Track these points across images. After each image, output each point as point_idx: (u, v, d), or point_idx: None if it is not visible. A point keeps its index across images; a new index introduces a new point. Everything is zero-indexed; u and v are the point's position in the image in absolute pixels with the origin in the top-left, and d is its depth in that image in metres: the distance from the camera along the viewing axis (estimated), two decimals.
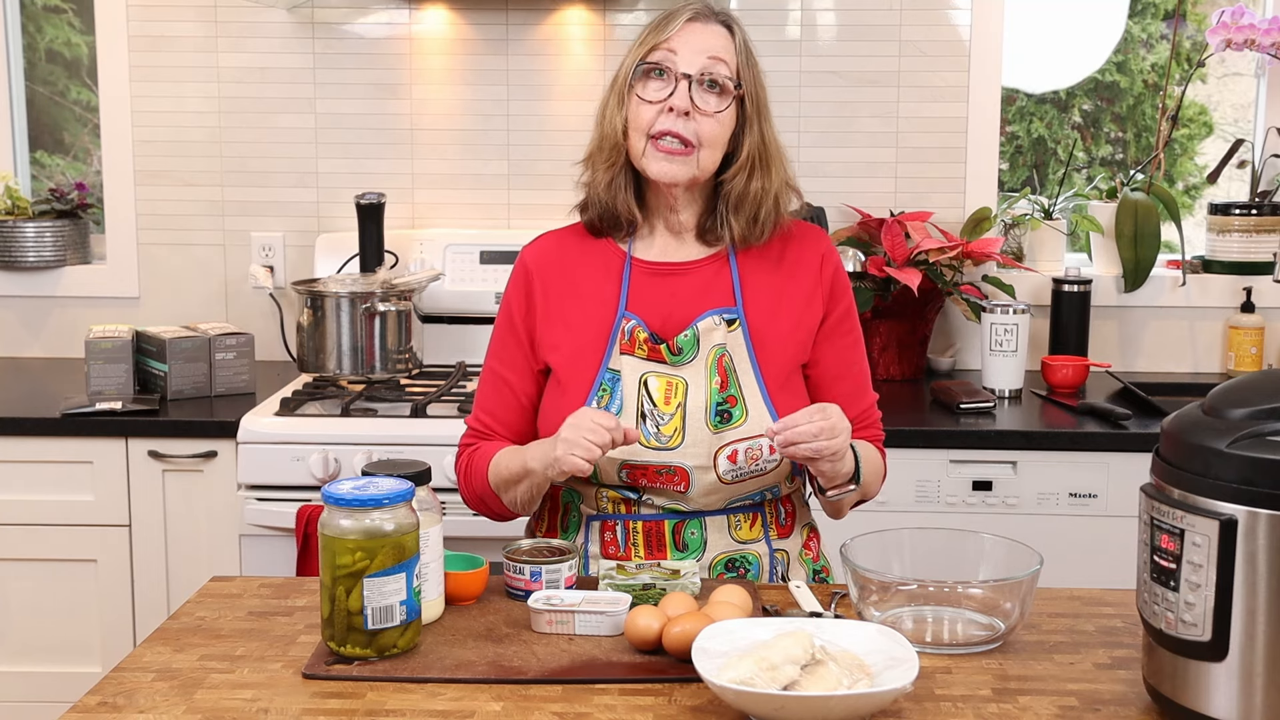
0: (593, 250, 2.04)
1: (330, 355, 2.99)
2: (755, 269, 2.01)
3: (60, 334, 3.42)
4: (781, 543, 2.01)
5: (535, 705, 1.52)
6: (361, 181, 3.32)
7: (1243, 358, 3.25)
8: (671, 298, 1.99)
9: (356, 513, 1.59)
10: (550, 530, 2.04)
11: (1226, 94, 3.77)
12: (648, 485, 1.93)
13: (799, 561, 2.04)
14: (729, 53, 1.94)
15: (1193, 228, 3.52)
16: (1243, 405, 1.42)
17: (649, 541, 1.95)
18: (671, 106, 1.91)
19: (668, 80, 1.93)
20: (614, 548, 1.96)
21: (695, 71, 1.92)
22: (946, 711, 1.50)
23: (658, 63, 1.93)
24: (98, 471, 2.80)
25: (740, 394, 1.94)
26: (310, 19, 3.33)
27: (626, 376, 1.95)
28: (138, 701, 1.53)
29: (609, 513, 1.97)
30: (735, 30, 1.97)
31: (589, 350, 1.97)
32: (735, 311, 1.97)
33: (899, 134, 3.32)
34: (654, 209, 2.02)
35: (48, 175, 3.65)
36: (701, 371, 1.94)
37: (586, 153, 2.02)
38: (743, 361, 1.95)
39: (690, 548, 1.95)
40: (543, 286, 2.03)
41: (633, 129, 1.94)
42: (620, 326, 1.97)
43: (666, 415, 1.93)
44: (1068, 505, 2.73)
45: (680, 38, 1.93)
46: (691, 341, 1.95)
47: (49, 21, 3.62)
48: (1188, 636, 1.40)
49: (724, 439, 1.91)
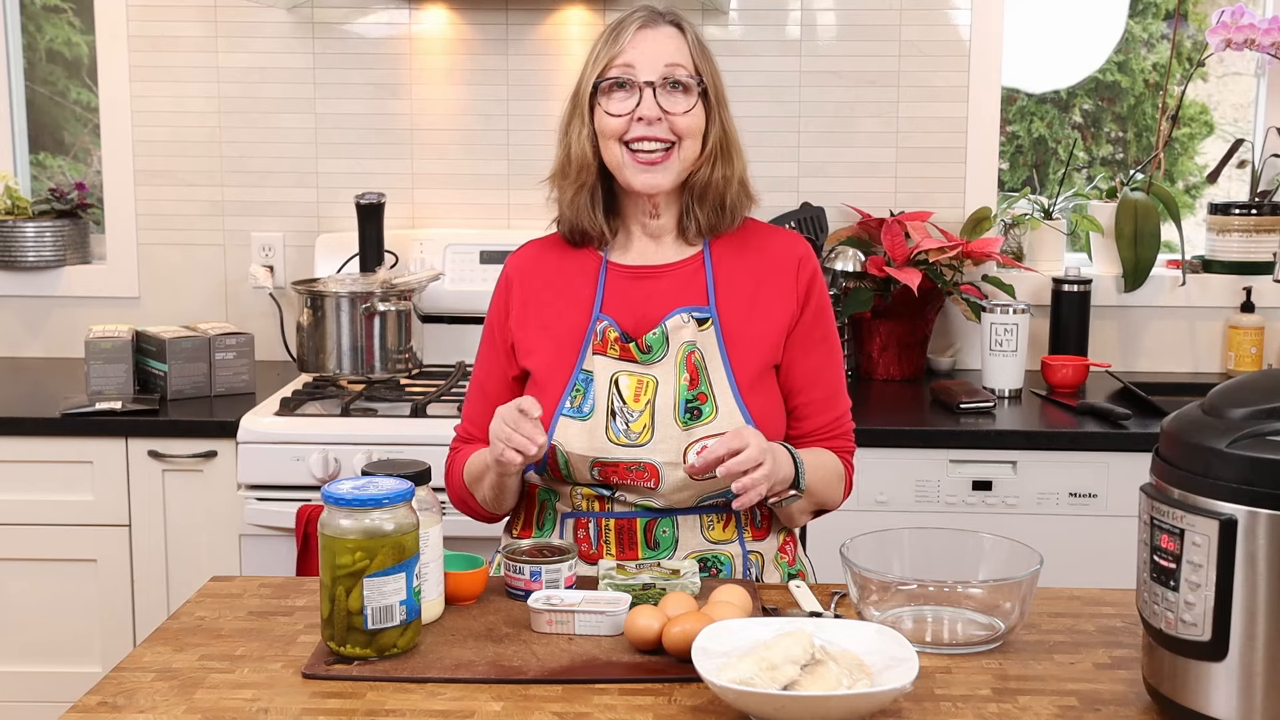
0: (572, 257, 2.06)
1: (330, 355, 2.99)
2: (731, 269, 2.02)
3: (60, 334, 3.42)
4: (756, 544, 2.01)
5: (535, 705, 1.52)
6: (361, 181, 3.32)
7: (1242, 357, 3.25)
8: (646, 299, 2.01)
9: (356, 512, 1.59)
10: (526, 528, 2.05)
11: (1227, 93, 3.77)
12: (619, 482, 1.94)
13: (774, 564, 2.03)
14: (683, 53, 1.96)
15: (1193, 227, 3.51)
16: (1242, 405, 1.42)
17: (620, 539, 1.96)
18: (640, 117, 1.93)
19: (631, 91, 1.94)
20: (586, 545, 1.97)
21: (656, 78, 1.94)
22: (946, 711, 1.50)
23: (617, 77, 1.94)
24: (98, 471, 2.80)
25: (711, 391, 1.95)
26: (310, 19, 3.33)
27: (598, 376, 1.96)
28: (138, 701, 1.53)
29: (583, 510, 1.98)
30: (685, 28, 1.99)
31: (565, 353, 2.00)
32: (708, 310, 1.98)
33: (899, 134, 3.32)
34: (630, 215, 2.04)
35: (48, 175, 3.65)
36: (671, 369, 1.95)
37: (552, 170, 2.04)
38: (714, 359, 1.96)
39: (662, 546, 1.96)
40: (521, 294, 2.05)
41: (604, 139, 1.96)
42: (594, 328, 1.99)
43: (636, 412, 1.94)
44: (1068, 505, 2.73)
45: (634, 48, 1.94)
46: (660, 339, 1.96)
47: (49, 21, 3.62)
48: (1187, 636, 1.40)
49: (693, 435, 1.92)
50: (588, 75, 1.98)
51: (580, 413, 1.95)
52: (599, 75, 1.96)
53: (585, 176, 1.99)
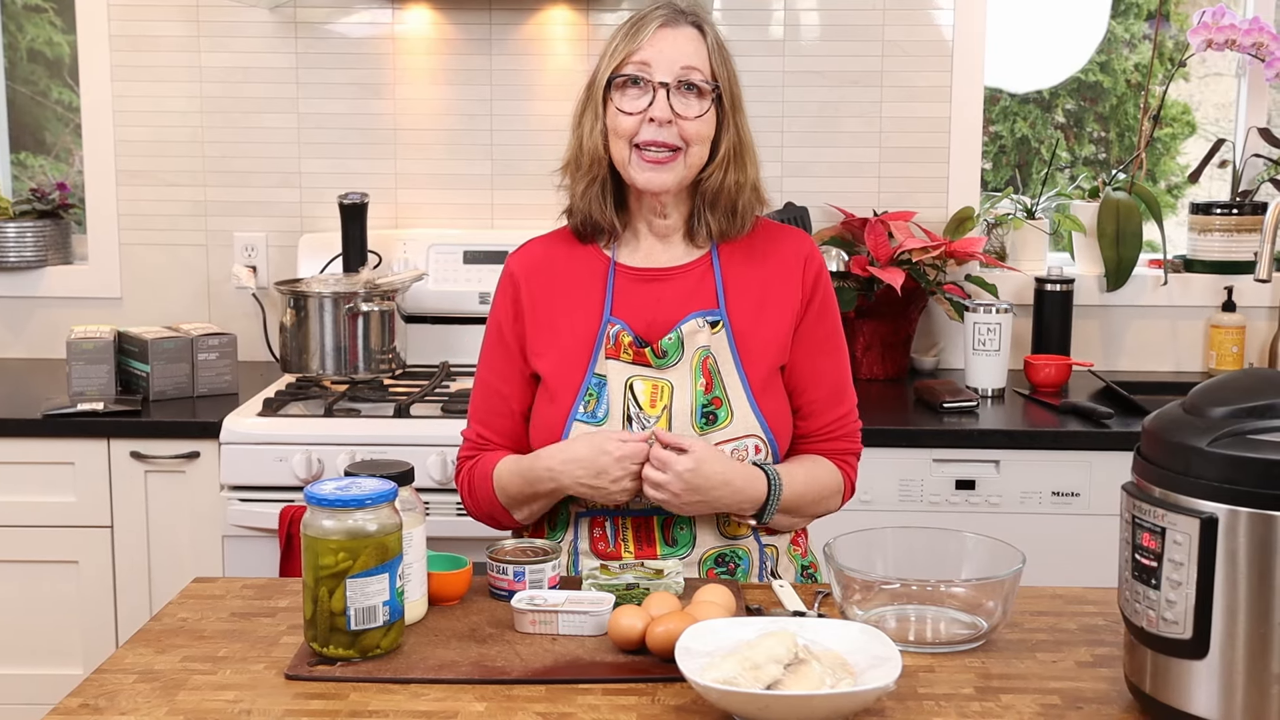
0: (578, 257, 2.04)
1: (313, 355, 2.98)
2: (739, 271, 2.01)
3: (42, 334, 3.41)
4: (770, 538, 2.02)
5: (519, 705, 1.51)
6: (344, 181, 3.32)
7: (1224, 357, 3.27)
8: (657, 302, 1.99)
9: (339, 513, 1.58)
10: (538, 528, 2.04)
11: (1209, 94, 3.78)
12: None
13: (787, 557, 2.05)
14: (701, 56, 1.93)
15: (1175, 227, 3.53)
16: (1223, 404, 1.43)
17: (639, 537, 1.95)
18: (652, 117, 1.91)
19: (644, 90, 1.92)
20: (603, 544, 1.96)
21: (671, 79, 1.91)
22: (929, 710, 1.51)
23: (632, 74, 1.92)
24: (79, 473, 2.79)
25: (725, 395, 1.94)
26: (293, 18, 3.32)
27: (612, 381, 1.95)
28: (119, 703, 1.53)
29: (598, 510, 1.97)
30: (706, 30, 1.96)
31: (575, 356, 1.97)
32: (718, 313, 1.98)
33: (882, 134, 3.33)
34: (637, 214, 2.02)
35: (29, 175, 3.64)
36: (686, 374, 1.95)
37: (564, 160, 2.02)
38: (726, 363, 1.96)
39: (680, 543, 1.95)
40: (530, 294, 2.02)
41: (614, 137, 1.94)
42: (605, 332, 1.97)
43: (653, 418, 1.93)
44: (1050, 504, 2.74)
45: (652, 46, 1.92)
46: (676, 344, 1.95)
47: (30, 21, 3.61)
48: (1169, 634, 1.41)
49: (710, 440, 1.92)
50: (603, 68, 1.95)
51: (595, 418, 1.94)
52: (614, 70, 1.93)
53: (597, 170, 1.97)
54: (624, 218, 2.02)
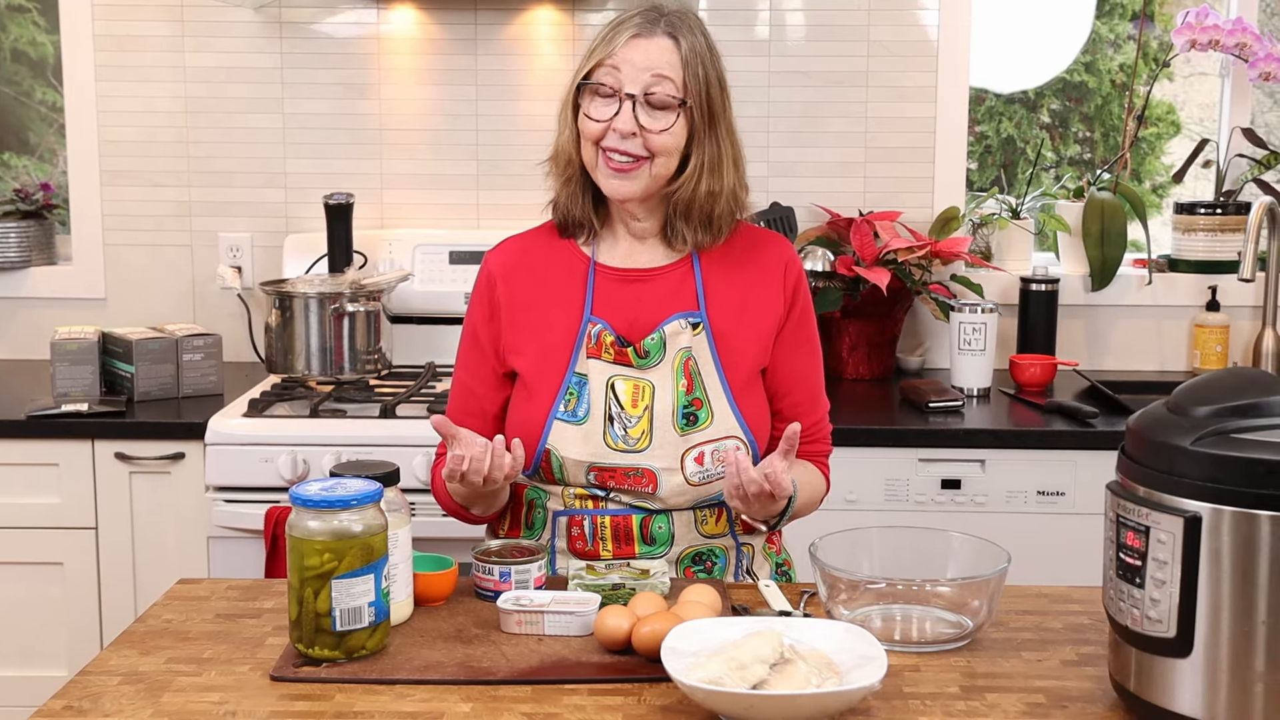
0: (557, 255, 2.04)
1: (299, 356, 2.98)
2: (719, 274, 2.01)
3: (26, 335, 3.39)
4: (746, 537, 2.03)
5: (505, 706, 1.51)
6: (330, 182, 3.31)
7: (1208, 356, 3.28)
8: (638, 303, 1.99)
9: (324, 514, 1.58)
10: (514, 528, 2.04)
11: (1193, 94, 3.80)
12: (615, 486, 1.94)
13: (763, 555, 2.06)
14: (674, 67, 1.91)
15: (1159, 227, 3.54)
16: (1207, 403, 1.43)
17: (617, 536, 1.95)
18: (615, 128, 1.90)
19: (612, 99, 1.91)
20: (581, 543, 1.96)
21: (639, 91, 1.90)
22: (915, 709, 1.51)
23: (602, 81, 1.92)
24: (64, 474, 2.78)
25: (706, 397, 1.95)
26: (278, 18, 3.31)
27: (593, 380, 1.95)
28: (104, 705, 1.52)
29: (576, 508, 1.97)
30: (681, 40, 1.92)
31: (555, 354, 1.97)
32: (699, 315, 1.98)
33: (868, 134, 3.33)
34: (615, 214, 2.02)
35: (13, 175, 3.63)
36: (668, 375, 1.95)
37: (549, 154, 2.03)
38: (707, 365, 1.96)
39: (658, 541, 1.96)
40: (506, 292, 2.02)
41: (584, 139, 1.95)
42: (586, 331, 1.97)
43: (634, 418, 1.93)
44: (1035, 503, 2.74)
45: (624, 54, 1.90)
46: (658, 345, 1.95)
47: (13, 21, 3.59)
48: (1153, 633, 1.41)
49: (691, 441, 1.92)
50: (579, 71, 1.95)
51: (575, 417, 1.94)
52: (585, 75, 1.94)
53: (570, 170, 1.98)
54: (603, 215, 2.03)
